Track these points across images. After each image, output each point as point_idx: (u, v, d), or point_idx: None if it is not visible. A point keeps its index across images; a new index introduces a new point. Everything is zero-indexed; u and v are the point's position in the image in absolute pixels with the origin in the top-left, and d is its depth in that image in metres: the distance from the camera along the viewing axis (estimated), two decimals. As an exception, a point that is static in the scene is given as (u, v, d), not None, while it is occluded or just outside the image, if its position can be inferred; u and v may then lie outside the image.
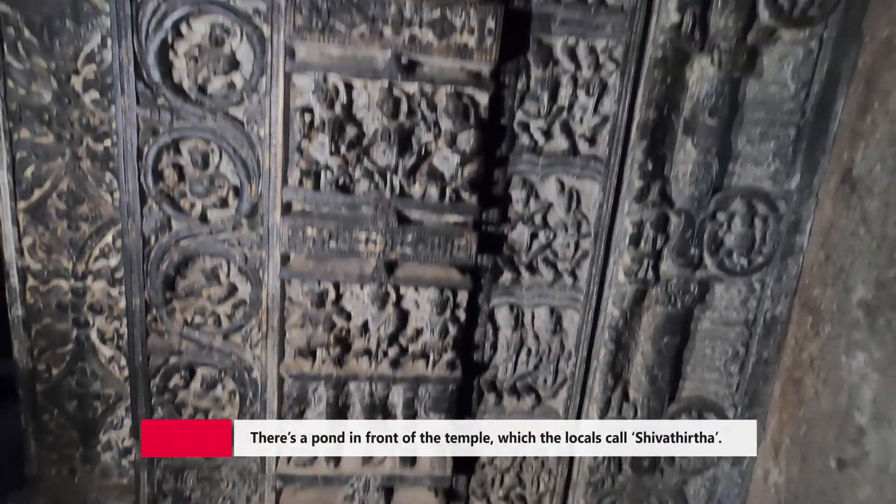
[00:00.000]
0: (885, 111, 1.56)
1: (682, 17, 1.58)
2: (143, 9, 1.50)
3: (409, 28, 1.38)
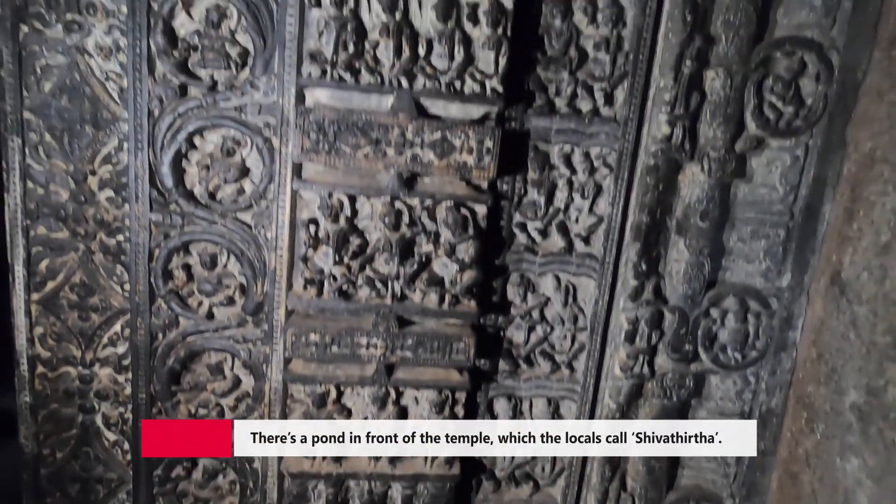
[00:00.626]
0: (870, 221, 1.62)
1: (672, 129, 1.66)
2: (160, 123, 1.59)
3: (411, 149, 1.45)
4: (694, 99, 1.65)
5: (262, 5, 1.54)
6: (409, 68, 1.45)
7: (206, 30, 1.55)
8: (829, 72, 1.69)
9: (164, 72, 1.55)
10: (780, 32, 1.68)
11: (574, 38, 1.65)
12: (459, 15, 1.43)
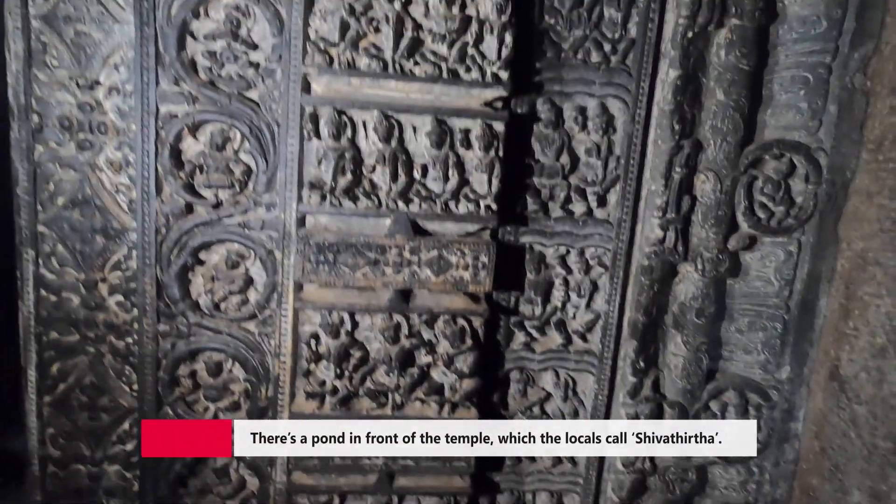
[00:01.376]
0: (866, 321, 1.63)
1: (664, 232, 1.69)
2: (166, 241, 1.65)
3: (409, 267, 1.50)
4: (685, 202, 1.69)
5: (265, 128, 1.62)
6: (405, 192, 1.51)
7: (210, 152, 1.62)
8: (818, 172, 1.72)
9: (171, 192, 1.62)
10: (768, 135, 1.72)
11: (566, 145, 1.70)
12: (453, 140, 1.49)
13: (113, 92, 1.69)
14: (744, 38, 1.61)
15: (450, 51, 1.43)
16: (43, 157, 1.72)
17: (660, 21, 1.64)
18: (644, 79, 1.66)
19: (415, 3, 1.42)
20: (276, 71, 1.60)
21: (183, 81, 1.56)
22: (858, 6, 1.63)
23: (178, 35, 1.53)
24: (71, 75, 1.68)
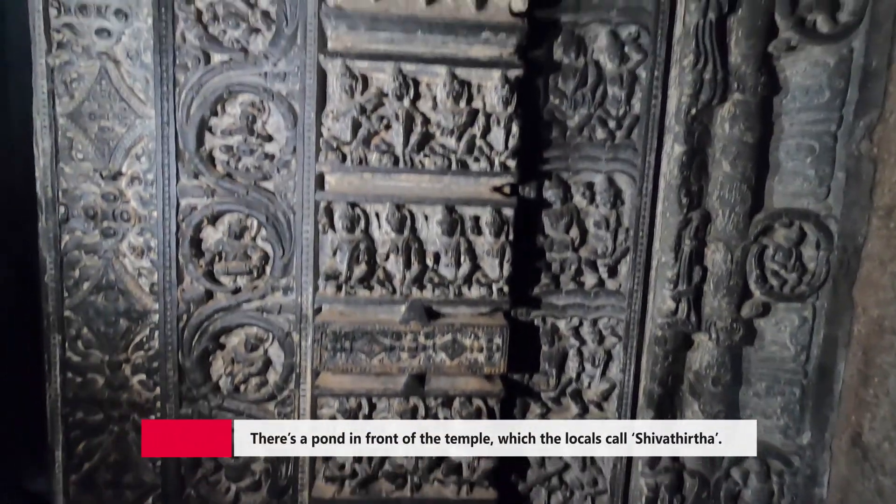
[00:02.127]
0: (886, 391, 1.61)
1: (676, 304, 1.70)
2: (187, 328, 1.69)
3: (424, 352, 1.52)
4: (696, 273, 1.70)
5: (281, 216, 1.66)
6: (418, 279, 1.54)
7: (229, 241, 1.68)
8: (829, 239, 1.73)
9: (192, 280, 1.67)
10: (777, 202, 1.74)
11: (575, 219, 1.73)
12: (463, 227, 1.52)
13: (135, 181, 1.76)
14: (747, 112, 1.63)
15: (458, 143, 1.47)
16: (69, 245, 1.79)
17: (663, 97, 1.67)
18: (650, 153, 1.69)
19: (423, 98, 1.47)
20: (290, 161, 1.65)
21: (202, 175, 1.62)
22: (861, 77, 1.64)
23: (197, 132, 1.60)
24: (95, 167, 1.75)
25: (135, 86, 1.71)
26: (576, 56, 1.64)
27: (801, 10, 1.62)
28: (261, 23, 1.59)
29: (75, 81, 1.71)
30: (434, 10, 1.41)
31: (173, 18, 1.54)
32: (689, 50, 1.60)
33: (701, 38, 1.58)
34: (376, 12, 1.40)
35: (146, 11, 1.67)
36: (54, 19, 1.70)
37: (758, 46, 1.61)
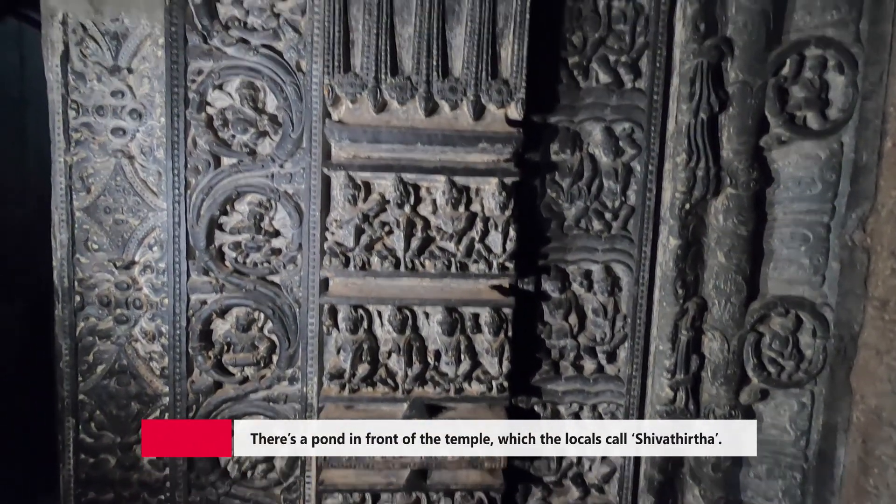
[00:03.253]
0: (886, 484, 1.62)
1: (675, 393, 1.72)
2: (197, 414, 1.74)
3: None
4: (693, 362, 1.73)
5: (287, 309, 1.72)
6: (420, 376, 1.58)
7: (237, 333, 1.73)
8: (825, 327, 1.75)
9: (201, 371, 1.73)
10: (772, 288, 1.76)
11: (573, 306, 1.77)
12: (463, 326, 1.57)
13: (147, 269, 1.82)
14: (740, 206, 1.67)
15: (458, 246, 1.52)
16: (83, 331, 1.85)
17: (657, 189, 1.72)
18: (645, 243, 1.73)
19: (423, 203, 1.53)
20: (296, 257, 1.71)
21: (211, 272, 1.68)
22: (852, 170, 1.68)
23: (207, 232, 1.66)
24: (109, 258, 1.82)
25: (148, 179, 1.79)
26: (571, 152, 1.69)
27: (791, 108, 1.67)
28: (268, 126, 1.66)
29: (91, 177, 1.79)
30: (433, 121, 1.48)
31: (185, 125, 1.62)
32: (682, 148, 1.65)
33: (693, 136, 1.63)
34: (378, 125, 1.47)
35: (159, 112, 1.75)
36: (73, 120, 1.78)
37: (749, 142, 1.66)
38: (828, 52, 1.63)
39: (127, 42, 1.75)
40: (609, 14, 1.65)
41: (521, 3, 1.44)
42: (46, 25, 1.76)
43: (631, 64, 1.67)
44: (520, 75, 1.46)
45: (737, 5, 1.63)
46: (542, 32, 1.63)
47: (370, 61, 1.44)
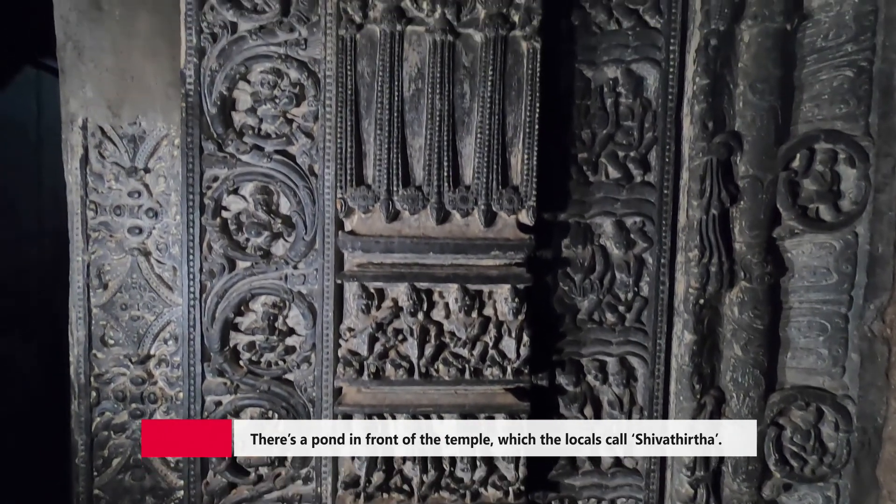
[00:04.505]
0: (918, 588, 1.57)
1: (695, 490, 1.69)
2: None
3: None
4: (714, 459, 1.70)
5: (300, 408, 1.71)
6: (435, 483, 1.56)
7: (255, 437, 1.74)
8: (848, 420, 1.71)
9: (215, 473, 1.72)
10: (791, 378, 1.73)
11: (588, 398, 1.74)
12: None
13: (162, 363, 1.83)
14: (755, 299, 1.66)
15: (471, 352, 1.52)
16: (99, 426, 1.86)
17: (670, 282, 1.71)
18: (660, 336, 1.72)
19: (436, 308, 1.53)
20: (310, 356, 1.72)
21: (226, 373, 1.69)
22: (868, 262, 1.66)
23: (221, 334, 1.68)
24: (125, 353, 1.83)
25: (163, 275, 1.81)
26: (583, 246, 1.69)
27: (803, 201, 1.67)
28: (282, 228, 1.69)
29: (108, 274, 1.81)
30: (445, 229, 1.49)
31: (201, 231, 1.64)
32: (694, 244, 1.65)
33: (705, 232, 1.63)
34: (390, 235, 1.48)
35: (174, 210, 1.78)
36: (91, 219, 1.82)
37: (762, 236, 1.65)
38: (838, 145, 1.64)
39: (144, 144, 1.79)
40: (617, 111, 1.68)
41: (529, 113, 1.47)
42: (66, 130, 1.81)
43: (640, 159, 1.68)
44: (530, 183, 1.48)
45: (744, 100, 1.65)
46: (551, 131, 1.65)
47: (382, 174, 1.46)
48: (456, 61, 1.45)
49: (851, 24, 1.62)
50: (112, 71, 1.79)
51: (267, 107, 1.65)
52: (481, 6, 1.45)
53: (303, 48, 1.62)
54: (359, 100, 1.46)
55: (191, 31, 1.59)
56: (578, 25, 1.65)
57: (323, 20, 1.61)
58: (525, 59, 1.46)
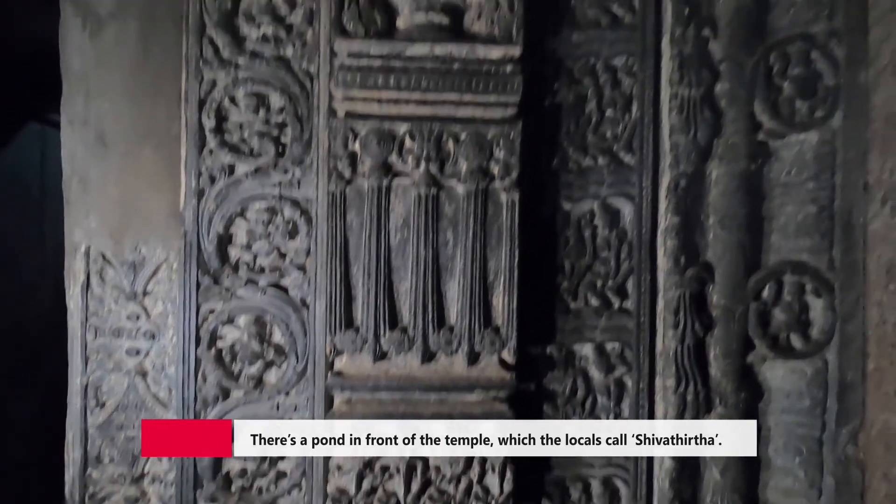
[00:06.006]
0: None
1: None
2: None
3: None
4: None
5: None
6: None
7: None
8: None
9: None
10: (772, 500, 1.76)
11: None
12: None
13: (156, 481, 1.87)
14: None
15: (456, 488, 1.57)
16: (91, 523, 1.89)
17: (650, 405, 1.76)
18: (641, 461, 1.77)
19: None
20: (301, 483, 1.75)
21: (217, 500, 1.72)
22: (838, 388, 1.72)
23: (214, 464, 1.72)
24: (120, 472, 1.87)
25: (159, 394, 1.86)
26: (564, 371, 1.76)
27: (774, 329, 1.74)
28: (274, 357, 1.76)
29: (105, 394, 1.87)
30: (430, 369, 1.55)
31: (196, 362, 1.71)
32: (671, 372, 1.71)
33: (680, 362, 1.70)
34: (377, 375, 1.54)
35: (171, 332, 1.85)
36: (90, 342, 1.89)
37: (735, 363, 1.72)
38: (804, 277, 1.72)
39: (143, 269, 1.87)
40: (594, 242, 1.76)
41: (508, 259, 1.55)
42: (70, 259, 1.89)
43: (617, 288, 1.76)
44: (511, 324, 1.55)
45: (714, 234, 1.74)
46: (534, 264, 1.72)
47: (370, 317, 1.54)
48: (440, 211, 1.55)
49: (812, 163, 1.73)
50: (116, 202, 1.89)
51: (261, 243, 1.74)
52: (463, 160, 1.55)
53: (297, 188, 1.73)
54: (348, 248, 1.55)
55: (191, 174, 1.69)
56: (558, 163, 1.77)
57: (315, 163, 1.72)
58: (504, 209, 1.55)
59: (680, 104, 1.71)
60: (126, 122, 1.88)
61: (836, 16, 1.69)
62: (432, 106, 1.54)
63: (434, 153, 1.54)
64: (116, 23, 1.87)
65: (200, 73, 1.69)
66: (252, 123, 1.71)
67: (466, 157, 1.55)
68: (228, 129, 1.71)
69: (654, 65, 1.75)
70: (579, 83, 1.76)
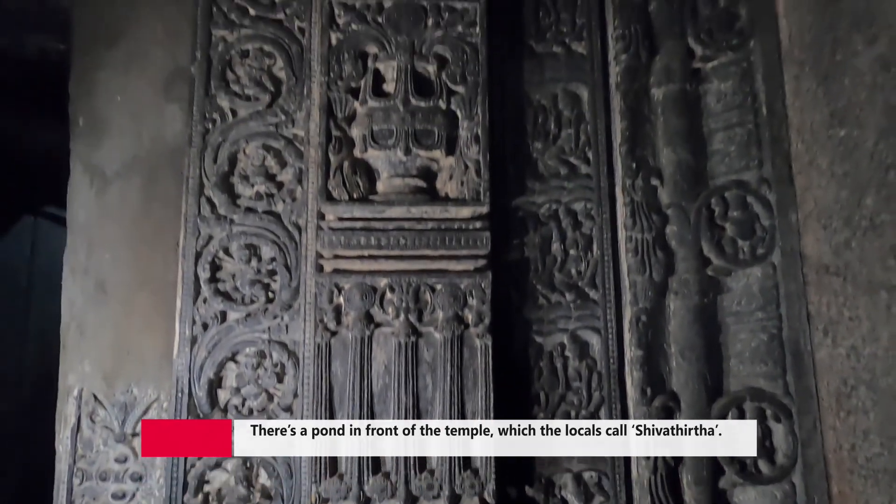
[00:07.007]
0: None
1: None
2: None
3: None
4: None
5: None
6: None
7: None
8: None
9: None
10: None
11: None
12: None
13: None
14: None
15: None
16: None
17: (626, 479, 1.82)
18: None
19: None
20: None
21: None
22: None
23: None
24: None
25: (144, 530, 1.87)
26: (545, 501, 1.82)
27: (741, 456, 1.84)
28: (260, 499, 1.77)
29: (90, 542, 1.87)
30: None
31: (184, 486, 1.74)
32: (646, 501, 1.75)
33: (655, 492, 1.76)
34: (362, 519, 1.59)
35: (158, 473, 1.88)
36: (76, 486, 1.90)
37: (707, 490, 1.77)
38: (763, 403, 1.83)
39: (134, 410, 1.93)
40: (566, 373, 1.88)
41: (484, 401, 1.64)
42: (62, 402, 1.95)
43: (589, 417, 1.85)
44: (489, 467, 1.62)
45: (676, 364, 1.86)
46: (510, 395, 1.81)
47: (353, 465, 1.60)
48: (419, 357, 1.66)
49: (758, 295, 1.89)
50: (111, 346, 1.97)
51: (250, 386, 1.82)
52: (440, 309, 1.69)
53: (285, 332, 1.83)
54: (333, 396, 1.64)
55: (185, 323, 1.80)
56: (528, 298, 1.91)
57: (303, 308, 1.84)
58: (479, 353, 1.67)
59: (635, 246, 1.89)
60: (125, 270, 2.01)
61: (764, 166, 1.93)
62: (410, 261, 1.70)
63: (413, 304, 1.67)
64: (121, 181, 2.05)
65: (198, 229, 1.84)
66: (245, 273, 1.85)
67: (443, 307, 1.68)
68: (222, 278, 1.85)
69: (610, 209, 1.95)
70: (545, 225, 1.94)
